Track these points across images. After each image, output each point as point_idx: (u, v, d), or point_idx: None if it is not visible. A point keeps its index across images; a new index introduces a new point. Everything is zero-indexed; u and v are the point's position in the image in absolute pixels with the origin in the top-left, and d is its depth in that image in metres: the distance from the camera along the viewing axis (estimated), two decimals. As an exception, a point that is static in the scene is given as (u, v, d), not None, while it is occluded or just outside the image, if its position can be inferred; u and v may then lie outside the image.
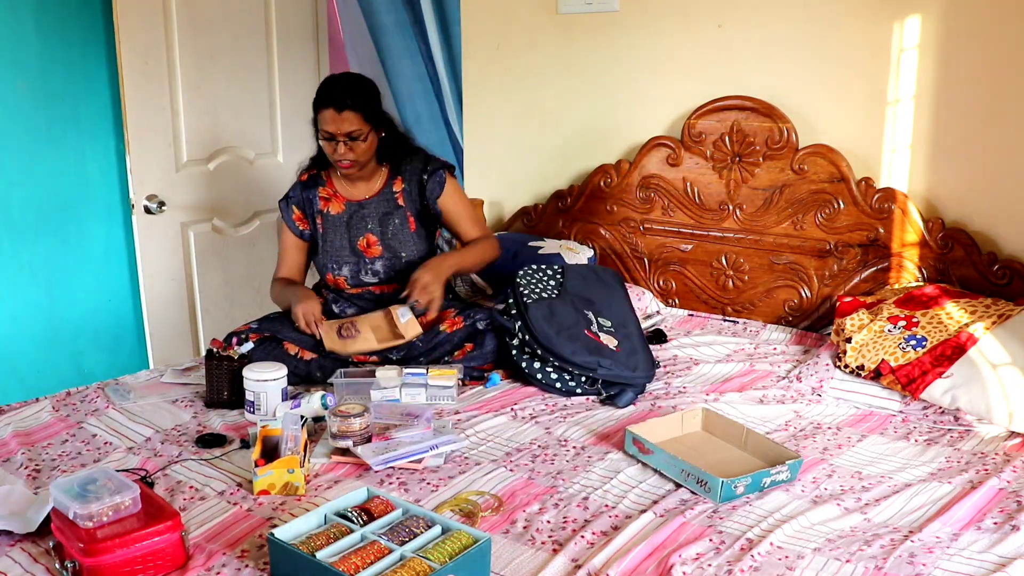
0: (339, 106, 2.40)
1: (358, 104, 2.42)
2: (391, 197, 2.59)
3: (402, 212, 2.58)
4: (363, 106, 2.43)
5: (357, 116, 2.42)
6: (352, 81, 2.49)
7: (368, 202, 2.58)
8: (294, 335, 2.43)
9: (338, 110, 2.40)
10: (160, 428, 2.08)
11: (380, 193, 2.59)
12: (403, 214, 2.58)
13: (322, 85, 2.49)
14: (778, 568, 1.49)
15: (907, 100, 2.64)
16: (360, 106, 2.42)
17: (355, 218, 2.57)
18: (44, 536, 1.55)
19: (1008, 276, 2.50)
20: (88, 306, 3.28)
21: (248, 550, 1.55)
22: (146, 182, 3.14)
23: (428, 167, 2.59)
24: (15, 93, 2.97)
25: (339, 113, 2.40)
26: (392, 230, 2.57)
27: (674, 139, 3.00)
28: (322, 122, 2.44)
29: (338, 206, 2.58)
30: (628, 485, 1.80)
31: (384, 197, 2.59)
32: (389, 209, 2.58)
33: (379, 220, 2.57)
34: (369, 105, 2.46)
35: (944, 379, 2.15)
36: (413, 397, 2.23)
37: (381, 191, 2.59)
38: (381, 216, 2.57)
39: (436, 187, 2.59)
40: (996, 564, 1.49)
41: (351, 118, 2.41)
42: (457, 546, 1.43)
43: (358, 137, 2.43)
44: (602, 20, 3.13)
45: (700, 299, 3.03)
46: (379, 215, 2.57)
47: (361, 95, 2.44)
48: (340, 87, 2.44)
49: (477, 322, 2.47)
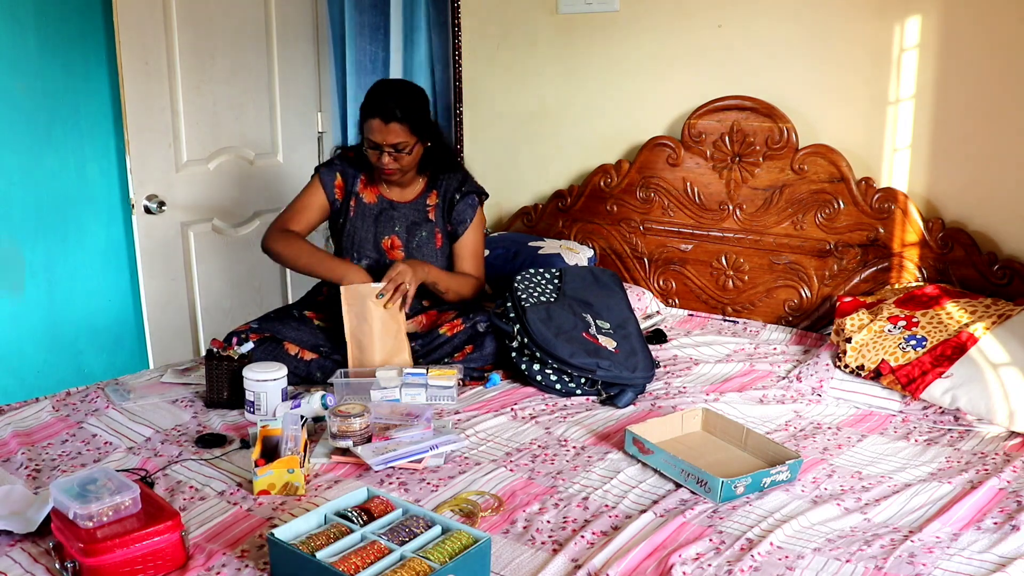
0: (387, 117, 2.35)
1: (407, 115, 2.36)
2: (423, 208, 2.56)
3: (431, 227, 2.56)
4: (411, 117, 2.38)
5: (404, 128, 2.37)
6: (402, 90, 2.42)
7: (400, 205, 2.56)
8: (294, 335, 2.43)
9: (385, 121, 2.35)
10: (160, 428, 2.08)
11: (414, 201, 2.56)
12: (432, 229, 2.56)
13: (372, 91, 2.42)
14: (778, 568, 1.49)
15: (907, 100, 2.65)
16: (408, 117, 2.37)
17: (384, 215, 2.54)
18: (44, 536, 1.55)
19: (1008, 276, 2.50)
20: (88, 306, 3.28)
21: (248, 550, 1.55)
22: (146, 182, 3.13)
23: (463, 188, 2.57)
24: (15, 93, 2.97)
25: (386, 124, 2.35)
26: (418, 241, 2.54)
27: (674, 139, 3.00)
28: (368, 130, 2.39)
29: (371, 197, 2.55)
30: (628, 485, 1.80)
31: (416, 207, 2.56)
32: (419, 220, 2.56)
33: (407, 227, 2.54)
34: (417, 116, 2.40)
35: (944, 379, 2.15)
36: (413, 397, 2.23)
37: (415, 199, 2.57)
38: (409, 224, 2.55)
39: (467, 211, 2.56)
40: (996, 564, 1.49)
41: (398, 130, 2.37)
42: (457, 546, 1.43)
43: (403, 149, 2.40)
44: (602, 20, 3.13)
45: (700, 299, 3.03)
46: (408, 222, 2.55)
47: (410, 106, 2.38)
48: (390, 96, 2.37)
49: (477, 324, 2.47)
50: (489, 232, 3.41)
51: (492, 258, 3.02)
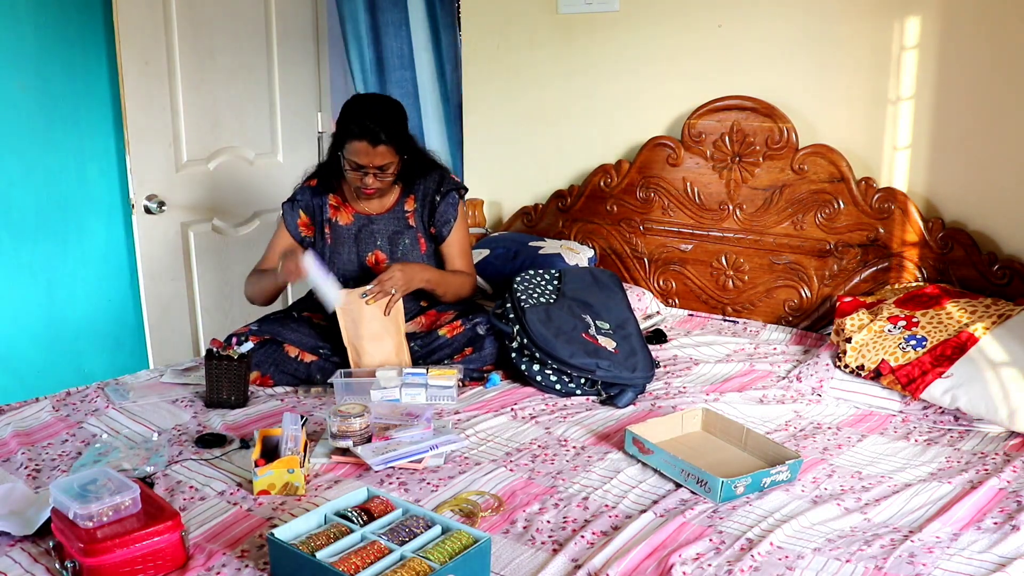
0: (374, 140, 2.31)
1: (392, 136, 2.34)
2: (402, 216, 2.54)
3: (413, 232, 2.54)
4: (396, 138, 2.36)
5: (390, 149, 2.35)
6: (384, 109, 2.37)
7: (378, 218, 2.53)
8: (294, 337, 2.43)
9: (373, 144, 2.31)
10: (160, 428, 2.08)
11: (391, 210, 2.54)
12: (414, 235, 2.54)
13: (352, 112, 2.36)
14: (778, 568, 1.49)
15: (907, 100, 2.65)
16: (393, 138, 2.35)
17: (364, 232, 2.52)
18: (44, 536, 1.55)
19: (1008, 276, 2.50)
20: (88, 306, 3.28)
21: (248, 550, 1.55)
22: (146, 182, 3.14)
23: (441, 188, 2.54)
24: (15, 93, 2.97)
25: (374, 147, 2.32)
26: (402, 250, 2.52)
27: (674, 139, 3.00)
28: (351, 152, 2.34)
29: (347, 217, 2.53)
30: (628, 485, 1.80)
31: (395, 215, 2.54)
32: (400, 228, 2.54)
33: (389, 238, 2.53)
34: (401, 135, 2.38)
35: (944, 379, 2.15)
36: (413, 397, 2.23)
37: (392, 208, 2.54)
38: (391, 234, 2.53)
39: (449, 211, 2.53)
40: (996, 564, 1.49)
41: (384, 152, 2.34)
42: (457, 546, 1.43)
43: (388, 169, 2.38)
44: (602, 20, 3.13)
45: (700, 299, 3.03)
46: (389, 233, 2.53)
47: (394, 125, 2.35)
48: (373, 117, 2.33)
49: (477, 327, 2.46)
50: (489, 232, 3.41)
51: (492, 258, 3.02)
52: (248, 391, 2.25)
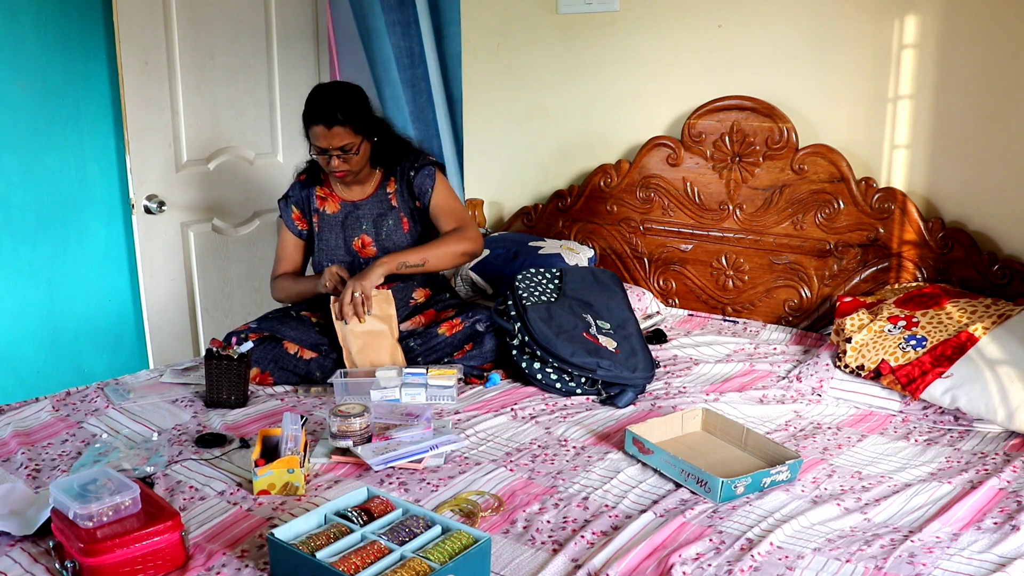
0: (328, 122, 2.38)
1: (348, 117, 2.39)
2: (385, 199, 2.59)
3: (396, 213, 2.58)
4: (352, 118, 2.40)
5: (347, 130, 2.40)
6: (339, 93, 2.45)
7: (363, 203, 2.59)
8: (294, 334, 2.44)
9: (328, 126, 2.38)
10: (160, 428, 2.08)
11: (374, 195, 2.59)
12: (397, 215, 2.57)
13: (309, 99, 2.45)
14: (778, 568, 1.49)
15: (907, 99, 2.64)
16: (349, 119, 2.40)
17: (350, 218, 2.58)
18: (44, 536, 1.55)
19: (1008, 276, 2.50)
20: (88, 306, 3.28)
21: (248, 550, 1.55)
22: (146, 182, 3.14)
23: (416, 164, 2.57)
24: (15, 93, 2.97)
25: (329, 129, 2.39)
26: (386, 231, 2.57)
27: (674, 139, 3.00)
28: (313, 137, 2.43)
29: (334, 206, 2.59)
30: (628, 485, 1.80)
31: (378, 199, 2.59)
32: (383, 211, 2.58)
33: (373, 221, 2.57)
34: (358, 116, 2.43)
35: (944, 379, 2.15)
36: (413, 397, 2.23)
37: (375, 193, 2.59)
38: (375, 217, 2.57)
39: (425, 182, 2.55)
40: (996, 564, 1.49)
41: (341, 133, 2.40)
42: (457, 546, 1.44)
43: (350, 150, 2.42)
44: (602, 20, 3.13)
45: (700, 299, 3.03)
46: (373, 216, 2.57)
47: (350, 107, 2.41)
48: (328, 102, 2.40)
49: (477, 324, 2.47)
50: (489, 232, 3.41)
51: (492, 258, 3.03)
52: (248, 391, 2.25)
